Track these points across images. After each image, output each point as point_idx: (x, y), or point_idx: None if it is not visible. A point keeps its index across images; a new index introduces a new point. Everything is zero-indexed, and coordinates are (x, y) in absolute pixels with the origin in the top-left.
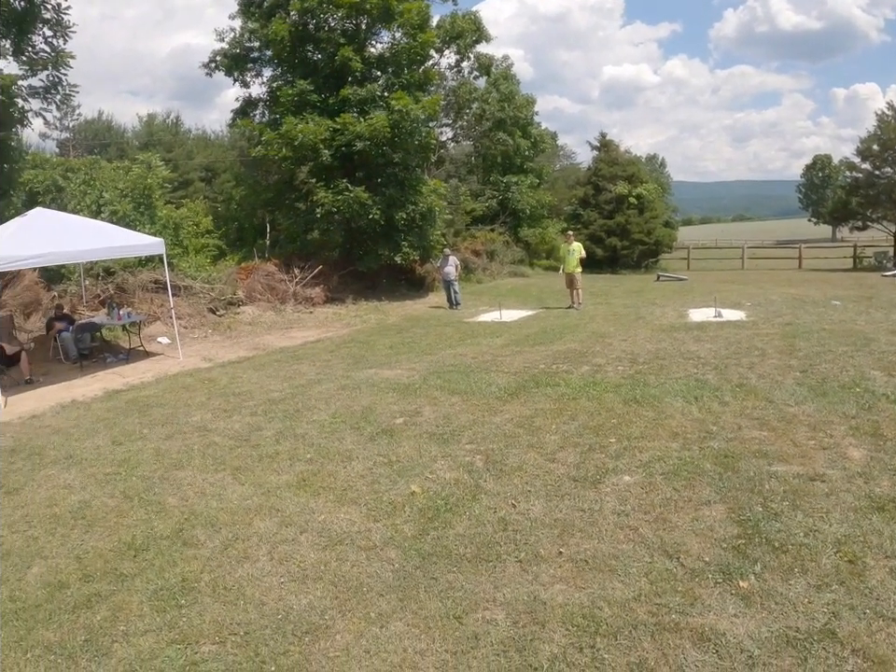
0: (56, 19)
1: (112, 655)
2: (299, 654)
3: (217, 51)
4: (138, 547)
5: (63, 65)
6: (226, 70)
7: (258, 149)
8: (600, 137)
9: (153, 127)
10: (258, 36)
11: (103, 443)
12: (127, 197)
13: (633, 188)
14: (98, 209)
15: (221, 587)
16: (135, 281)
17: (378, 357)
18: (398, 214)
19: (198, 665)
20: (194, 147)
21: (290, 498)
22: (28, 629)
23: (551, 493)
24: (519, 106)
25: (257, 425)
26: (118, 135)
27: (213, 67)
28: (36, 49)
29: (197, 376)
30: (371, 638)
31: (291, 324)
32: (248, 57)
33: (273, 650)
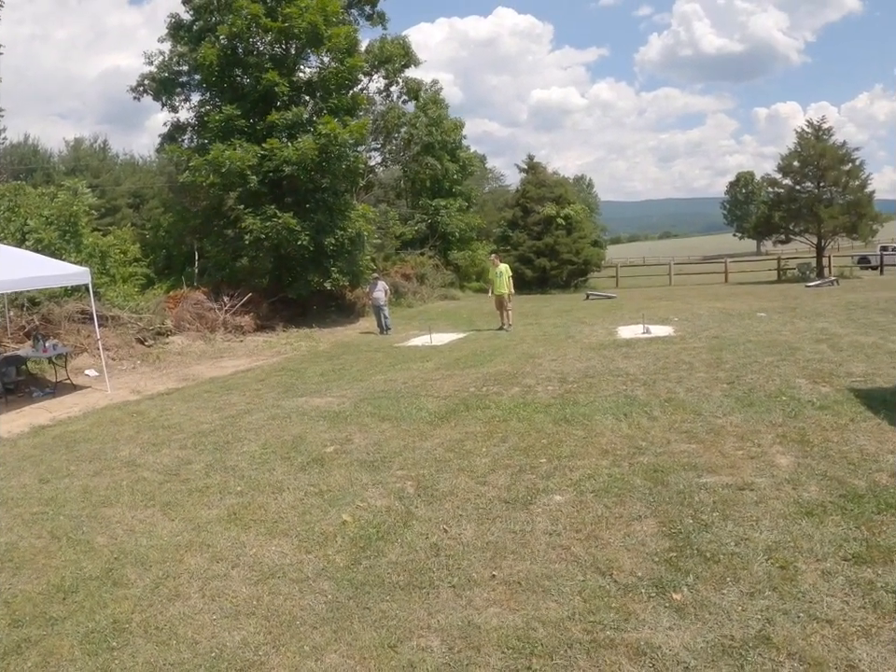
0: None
1: None
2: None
3: (146, 75)
4: (67, 589)
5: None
6: (154, 94)
7: (185, 175)
8: (528, 160)
9: (80, 152)
10: (186, 60)
11: (29, 482)
12: (52, 224)
13: (561, 209)
14: (23, 237)
15: (153, 627)
16: (61, 311)
17: (309, 384)
18: (327, 239)
19: None
20: (122, 172)
21: (221, 533)
22: None
23: (482, 516)
24: (447, 130)
25: (186, 458)
26: (44, 160)
27: (141, 91)
28: None
29: (125, 409)
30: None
31: (221, 353)
32: (177, 81)
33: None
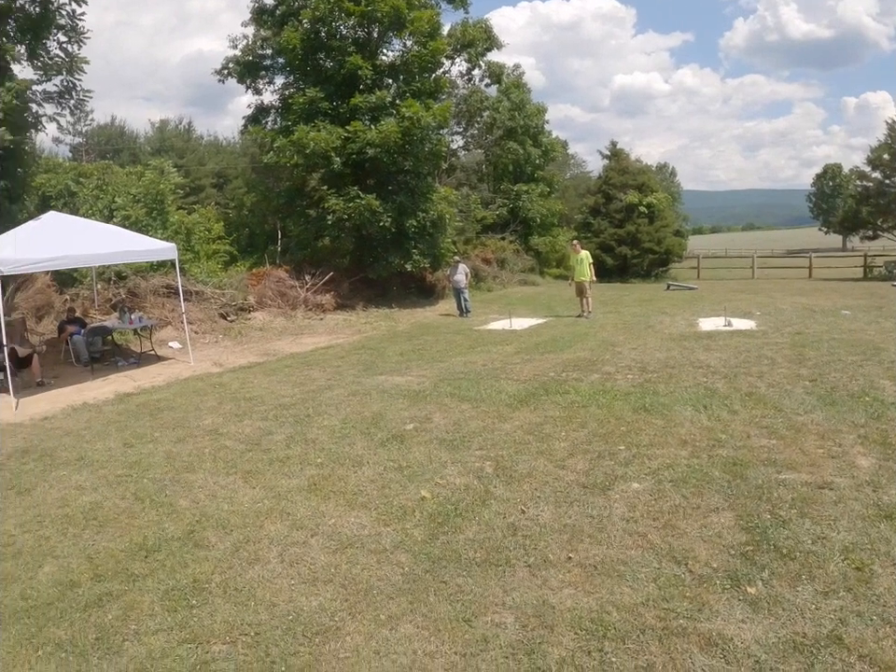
0: (71, 25)
1: (123, 653)
2: (309, 655)
3: (230, 58)
4: (149, 548)
5: (77, 71)
6: (238, 77)
7: (269, 156)
8: (611, 146)
9: (165, 133)
10: (270, 44)
11: (114, 446)
12: (139, 202)
13: (643, 197)
14: (110, 214)
15: (232, 588)
16: (147, 286)
17: (388, 363)
18: (408, 221)
19: (208, 665)
20: (206, 153)
21: (301, 502)
22: (39, 627)
23: (560, 499)
24: (530, 115)
25: (267, 429)
26: (130, 141)
27: (225, 74)
28: (51, 55)
29: (208, 381)
30: (381, 640)
31: (302, 330)
32: (261, 64)
33: (284, 650)
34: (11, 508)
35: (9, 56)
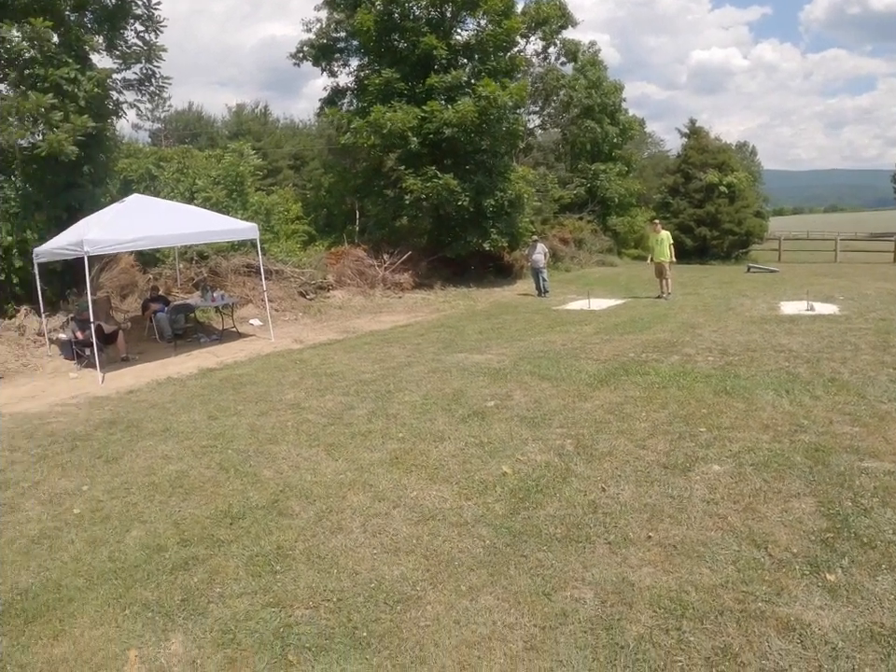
0: (147, 14)
1: (208, 615)
2: (390, 622)
3: (305, 42)
4: (234, 515)
5: (155, 59)
6: (313, 60)
7: (346, 137)
8: (689, 124)
9: (242, 117)
10: (343, 27)
11: (199, 418)
12: (219, 184)
13: (723, 176)
14: (191, 196)
15: (315, 556)
16: (228, 265)
17: (468, 341)
18: (486, 201)
19: (291, 628)
20: (282, 135)
21: (383, 475)
22: (126, 587)
23: (640, 478)
24: (607, 93)
25: (349, 404)
26: (208, 125)
27: (300, 57)
28: (129, 44)
29: (289, 357)
30: (462, 610)
31: (380, 308)
32: (335, 47)
33: (366, 616)
34: (100, 475)
35: (88, 46)
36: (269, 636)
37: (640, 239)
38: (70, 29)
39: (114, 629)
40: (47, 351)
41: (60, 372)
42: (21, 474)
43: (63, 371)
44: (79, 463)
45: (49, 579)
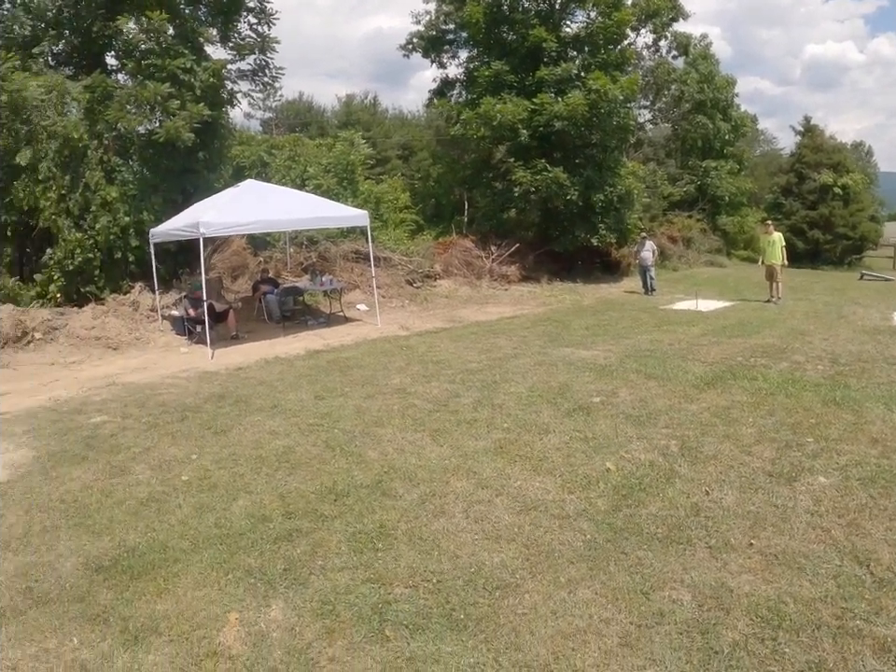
0: (259, 7)
1: (309, 585)
2: (488, 607)
3: (414, 34)
4: (339, 492)
5: (268, 50)
6: (423, 52)
7: (456, 129)
8: (804, 122)
9: (352, 107)
10: (452, 19)
11: (305, 397)
12: (330, 172)
13: (838, 177)
14: (302, 183)
15: (417, 537)
16: (337, 251)
17: (574, 336)
18: (595, 195)
19: (390, 605)
20: (391, 126)
21: (487, 463)
22: (231, 553)
23: (745, 485)
24: (719, 88)
25: (455, 392)
26: (318, 115)
27: (410, 49)
28: (242, 36)
29: (395, 343)
30: (559, 601)
31: (486, 299)
32: (444, 39)
33: (464, 600)
34: (208, 446)
35: (203, 38)
36: (367, 610)
37: (750, 240)
38: (185, 21)
39: (216, 592)
40: (159, 326)
41: (171, 347)
42: (132, 440)
43: (173, 346)
44: (189, 433)
45: (156, 539)
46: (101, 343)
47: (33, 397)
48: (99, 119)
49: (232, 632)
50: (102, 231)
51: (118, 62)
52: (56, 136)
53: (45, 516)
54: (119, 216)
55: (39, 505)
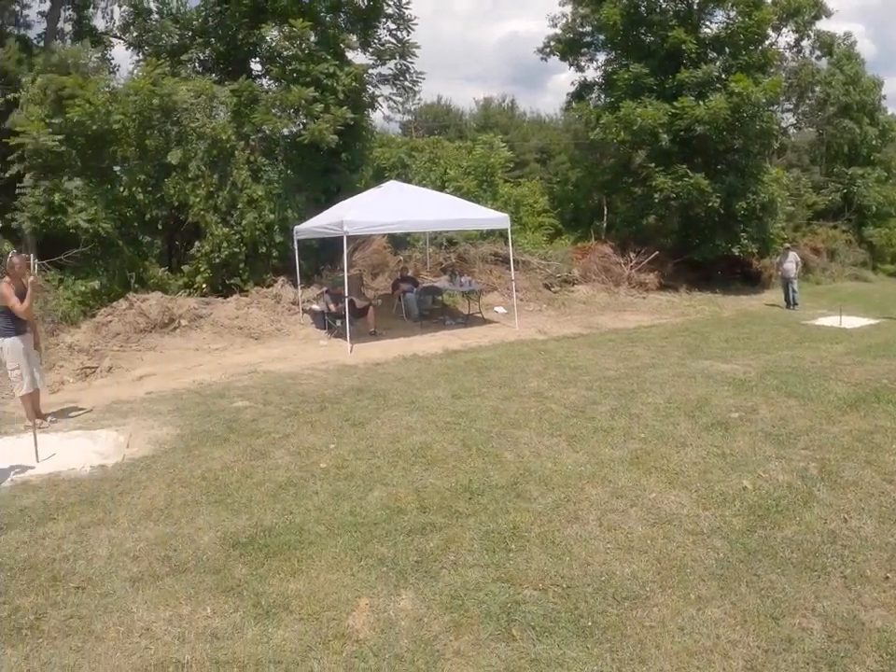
0: (398, 13)
1: (440, 579)
2: (616, 617)
3: (551, 37)
4: (474, 491)
5: (408, 55)
6: (560, 55)
7: (595, 133)
8: None
9: (489, 110)
10: (589, 21)
11: (443, 395)
12: (470, 175)
13: None
14: (442, 185)
15: (549, 541)
16: (476, 252)
17: (713, 349)
18: (737, 203)
19: (519, 605)
20: (529, 129)
21: (622, 473)
22: (364, 541)
23: (885, 515)
24: (865, 90)
25: (592, 399)
26: (456, 118)
27: (547, 52)
28: (382, 42)
29: (532, 346)
30: (687, 618)
31: (624, 307)
32: (581, 42)
33: (592, 607)
34: (346, 437)
35: (344, 44)
36: (496, 608)
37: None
38: (326, 28)
39: (349, 577)
40: (299, 319)
41: (310, 339)
42: (272, 426)
43: (313, 339)
44: (328, 423)
45: (293, 522)
46: (243, 332)
47: (178, 379)
48: (245, 121)
49: (362, 617)
50: (248, 227)
51: (262, 67)
52: (205, 137)
53: (186, 491)
54: (264, 213)
55: (181, 480)
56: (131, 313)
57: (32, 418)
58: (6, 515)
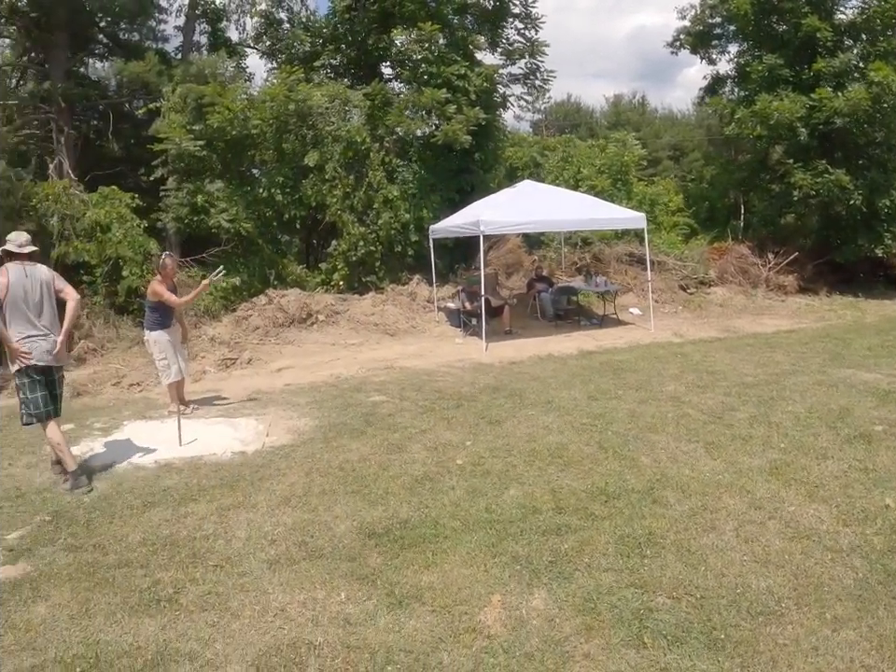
0: (525, 12)
1: (573, 581)
2: (749, 632)
3: (680, 29)
4: (610, 494)
5: (538, 54)
6: (691, 48)
7: (731, 128)
8: None
9: (620, 107)
10: (718, 12)
11: (579, 396)
12: (604, 173)
13: None
14: (576, 184)
15: (685, 549)
16: (611, 252)
17: (855, 356)
18: (880, 200)
19: (651, 612)
20: (661, 125)
21: (761, 483)
22: (499, 538)
23: None
24: None
25: (730, 405)
26: (586, 116)
27: (677, 46)
28: (510, 41)
29: (668, 349)
30: (822, 638)
31: (762, 310)
32: (711, 33)
33: (726, 620)
34: (482, 434)
35: (472, 45)
36: (628, 614)
37: None
38: (455, 30)
39: (482, 573)
40: (434, 317)
41: (445, 337)
42: (408, 421)
43: (447, 336)
44: (464, 420)
45: (428, 516)
46: (379, 328)
47: (315, 373)
48: (379, 123)
49: (494, 613)
50: (384, 227)
51: (392, 70)
52: (340, 140)
53: (324, 480)
54: (399, 212)
55: (319, 469)
56: (270, 308)
57: (176, 404)
58: (150, 494)
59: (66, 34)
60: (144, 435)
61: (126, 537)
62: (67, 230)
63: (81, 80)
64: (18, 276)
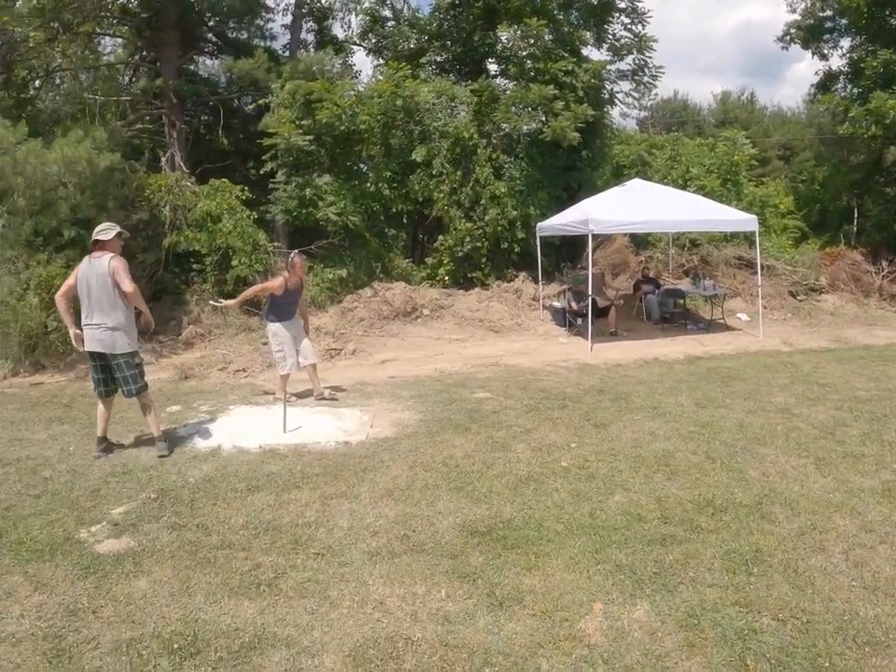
0: (631, 7)
1: (677, 594)
2: (854, 662)
3: (790, 23)
4: (717, 506)
5: (646, 49)
6: (801, 42)
7: (844, 127)
8: None
9: (728, 105)
10: (830, 5)
11: (686, 403)
12: (713, 173)
13: None
14: (684, 183)
15: (792, 569)
16: (719, 255)
17: None
18: None
19: (755, 633)
20: (770, 124)
21: (873, 505)
22: (603, 545)
23: None
24: None
25: (841, 420)
26: (693, 113)
27: (787, 40)
28: (617, 37)
29: (777, 358)
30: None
31: (874, 320)
32: (822, 27)
33: (831, 647)
34: (588, 437)
35: (578, 41)
36: (731, 633)
37: None
38: (560, 26)
39: (584, 579)
40: (539, 315)
41: (549, 336)
42: (513, 419)
43: (552, 336)
44: (569, 421)
45: (532, 517)
46: (483, 325)
47: (419, 366)
48: (486, 119)
49: (595, 621)
50: (490, 223)
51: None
52: (447, 136)
53: (427, 475)
54: (506, 209)
55: (423, 464)
56: (375, 300)
57: (283, 392)
58: (254, 478)
59: (177, 32)
60: (249, 420)
61: (229, 519)
62: (179, 220)
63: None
64: (84, 272)
